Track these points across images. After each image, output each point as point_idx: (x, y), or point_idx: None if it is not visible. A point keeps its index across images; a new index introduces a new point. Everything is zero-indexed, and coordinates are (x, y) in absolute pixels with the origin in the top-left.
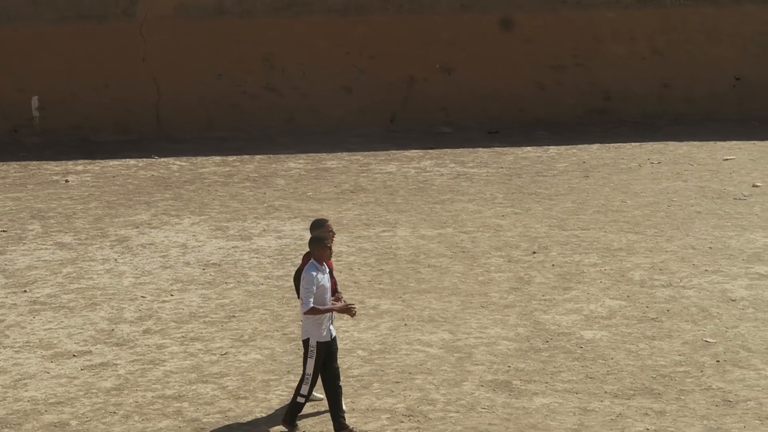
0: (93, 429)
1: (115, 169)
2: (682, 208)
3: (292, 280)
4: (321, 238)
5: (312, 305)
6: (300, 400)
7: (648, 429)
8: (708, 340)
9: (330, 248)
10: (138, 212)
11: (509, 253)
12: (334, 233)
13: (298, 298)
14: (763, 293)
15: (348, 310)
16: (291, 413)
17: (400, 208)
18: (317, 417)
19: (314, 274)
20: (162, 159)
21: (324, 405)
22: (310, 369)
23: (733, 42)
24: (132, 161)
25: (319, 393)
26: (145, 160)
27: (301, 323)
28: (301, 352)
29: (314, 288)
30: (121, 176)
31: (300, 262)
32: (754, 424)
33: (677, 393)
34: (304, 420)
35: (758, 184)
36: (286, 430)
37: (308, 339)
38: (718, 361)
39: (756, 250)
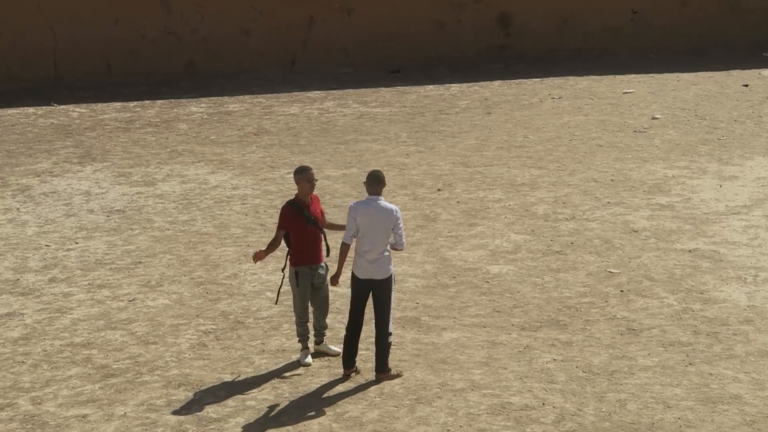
0: (1, 379)
1: (14, 118)
2: (584, 141)
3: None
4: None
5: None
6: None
7: (555, 359)
8: (612, 270)
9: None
10: (39, 160)
11: (414, 191)
12: (317, 180)
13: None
14: (664, 223)
15: None
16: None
17: (304, 150)
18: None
19: None
20: (61, 106)
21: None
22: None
23: None
24: (31, 109)
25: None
26: (44, 107)
27: (373, 264)
28: (209, 296)
29: None
30: (20, 125)
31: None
32: (658, 351)
33: (583, 323)
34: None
35: (657, 116)
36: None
37: (392, 274)
38: (621, 291)
39: (656, 181)
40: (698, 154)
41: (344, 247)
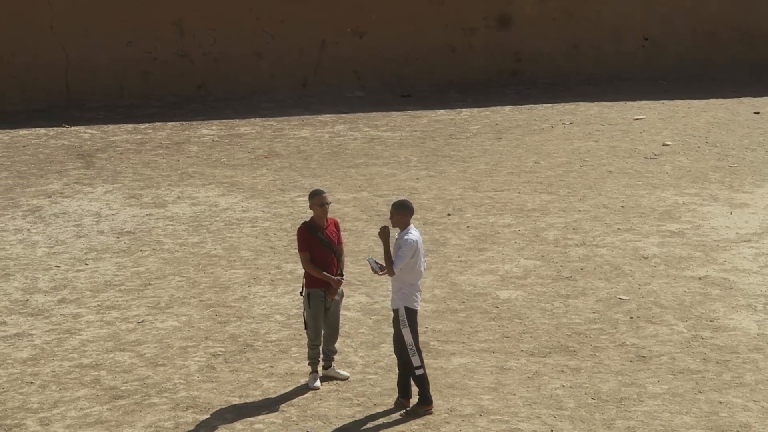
0: (10, 399)
1: (25, 139)
2: (594, 167)
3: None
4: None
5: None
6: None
7: (564, 386)
8: (621, 297)
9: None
10: (50, 181)
11: (424, 215)
12: (329, 203)
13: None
14: (674, 250)
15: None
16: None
17: (315, 173)
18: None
19: None
20: (73, 127)
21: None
22: None
23: (641, 1)
24: (42, 130)
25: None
26: (55, 128)
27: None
28: (219, 319)
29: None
30: (31, 145)
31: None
32: (668, 379)
33: (592, 350)
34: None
35: (668, 142)
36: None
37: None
38: (631, 318)
39: (667, 207)
40: (709, 181)
41: (390, 274)
